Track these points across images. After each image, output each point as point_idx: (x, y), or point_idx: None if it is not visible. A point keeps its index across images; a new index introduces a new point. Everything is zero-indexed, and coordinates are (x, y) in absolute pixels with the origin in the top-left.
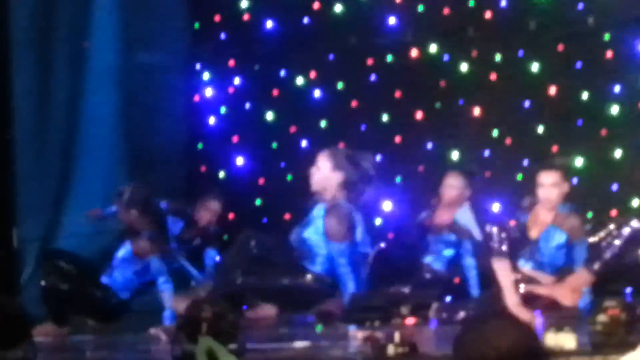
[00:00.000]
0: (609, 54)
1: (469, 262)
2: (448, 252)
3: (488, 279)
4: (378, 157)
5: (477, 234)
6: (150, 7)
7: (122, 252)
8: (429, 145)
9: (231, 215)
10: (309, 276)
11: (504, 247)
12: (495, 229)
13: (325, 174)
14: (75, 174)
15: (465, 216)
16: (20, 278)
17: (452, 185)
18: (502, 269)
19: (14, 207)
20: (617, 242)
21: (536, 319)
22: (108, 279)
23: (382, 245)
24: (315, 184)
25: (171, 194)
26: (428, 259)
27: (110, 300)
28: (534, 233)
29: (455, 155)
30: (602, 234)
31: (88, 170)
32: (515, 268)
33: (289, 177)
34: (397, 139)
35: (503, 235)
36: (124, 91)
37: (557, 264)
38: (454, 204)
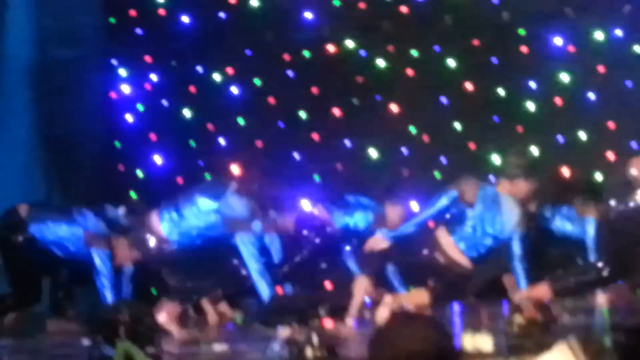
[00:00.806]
0: (524, 49)
1: None
2: None
3: None
4: (296, 155)
5: None
6: (65, 2)
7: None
8: (347, 143)
9: None
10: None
11: None
12: None
13: None
14: None
15: None
16: None
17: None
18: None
19: None
20: None
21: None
22: None
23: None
24: None
25: (89, 193)
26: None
27: None
28: None
29: (373, 152)
30: None
31: (3, 170)
32: None
33: (207, 176)
34: (315, 136)
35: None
36: (39, 88)
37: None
38: None
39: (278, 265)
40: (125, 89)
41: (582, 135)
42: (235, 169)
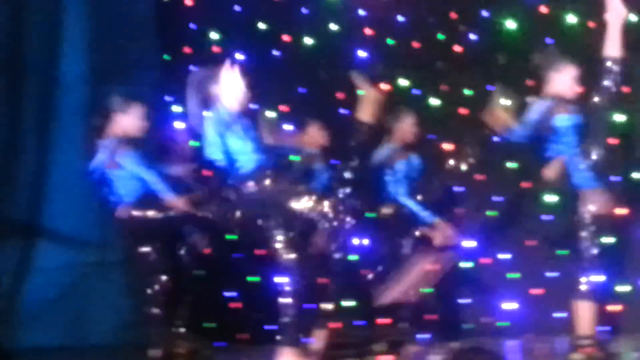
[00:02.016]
0: None
1: None
2: None
3: None
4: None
5: None
6: (120, 39)
7: None
8: None
9: None
10: None
11: None
12: None
13: None
14: (46, 208)
15: None
16: None
17: None
18: None
19: None
20: None
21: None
22: None
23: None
24: None
25: None
26: None
27: None
28: None
29: None
30: None
31: (59, 205)
32: None
33: None
34: None
35: None
36: (93, 123)
37: None
38: None
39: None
40: (180, 125)
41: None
42: None
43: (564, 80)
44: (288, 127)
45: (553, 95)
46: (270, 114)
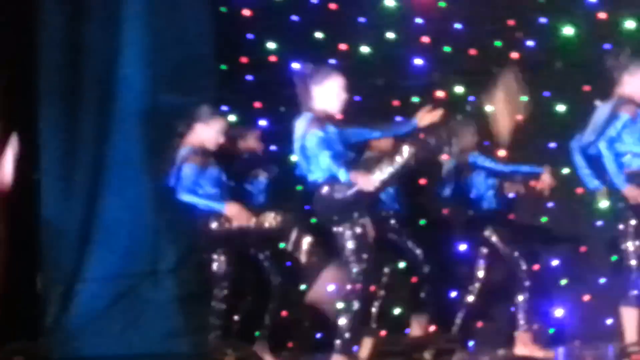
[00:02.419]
0: None
1: None
2: None
3: None
4: None
5: None
6: (177, 49)
7: None
8: None
9: None
10: None
11: None
12: None
13: None
14: (99, 217)
15: None
16: (44, 322)
17: None
18: None
19: (38, 251)
20: None
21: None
22: None
23: None
24: None
25: (193, 236)
26: None
27: None
28: None
29: None
30: None
31: (112, 214)
32: None
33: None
34: None
35: None
36: (151, 133)
37: None
38: None
39: None
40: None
41: None
42: None
43: (636, 83)
44: None
45: (622, 97)
46: None
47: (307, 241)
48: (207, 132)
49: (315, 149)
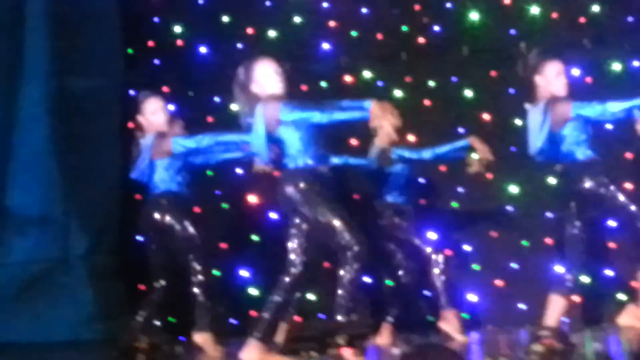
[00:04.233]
0: None
1: None
2: None
3: None
4: None
5: None
6: (83, 32)
7: None
8: None
9: None
10: None
11: None
12: None
13: None
14: (7, 202)
15: None
16: None
17: None
18: None
19: None
20: None
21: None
22: None
23: None
24: None
25: (105, 221)
26: None
27: None
28: None
29: None
30: None
31: (21, 199)
32: None
33: (224, 205)
34: None
35: None
36: (58, 116)
37: None
38: None
39: None
40: None
41: None
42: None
43: (550, 80)
44: None
45: (546, 97)
46: None
47: None
48: (157, 116)
49: None
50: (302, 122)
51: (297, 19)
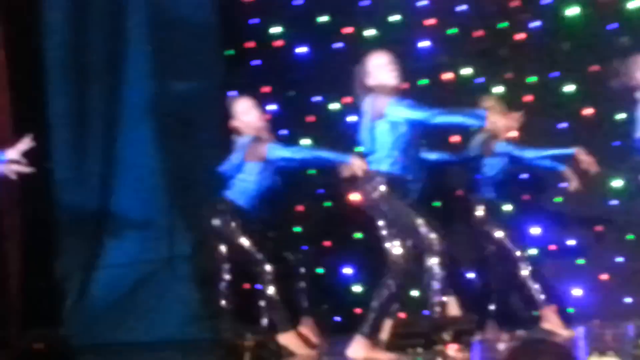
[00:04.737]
0: None
1: None
2: None
3: None
4: None
5: None
6: (182, 35)
7: None
8: None
9: None
10: None
11: None
12: None
13: None
14: (114, 204)
15: None
16: (63, 309)
17: None
18: None
19: (55, 239)
20: None
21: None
22: None
23: None
24: None
25: None
26: None
27: None
28: None
29: None
30: None
31: (127, 201)
32: None
33: (327, 204)
34: None
35: None
36: (160, 119)
37: None
38: None
39: None
40: None
41: None
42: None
43: None
44: None
45: None
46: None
47: None
48: (248, 115)
49: None
50: (404, 123)
51: (394, 18)
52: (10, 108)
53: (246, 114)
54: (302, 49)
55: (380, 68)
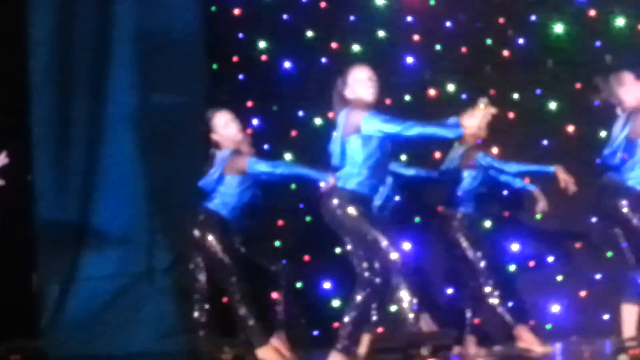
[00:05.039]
0: None
1: None
2: None
3: None
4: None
5: None
6: (168, 49)
7: None
8: None
9: None
10: None
11: None
12: None
13: None
14: (94, 217)
15: None
16: (41, 321)
17: None
18: None
19: (34, 251)
20: None
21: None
22: None
23: None
24: None
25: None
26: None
27: None
28: None
29: None
30: None
31: (106, 214)
32: None
33: (308, 218)
34: None
35: None
36: (143, 132)
37: None
38: None
39: None
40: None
41: None
42: None
43: (631, 89)
44: None
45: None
46: None
47: None
48: (229, 128)
49: None
50: (376, 140)
51: (380, 33)
52: None
53: (225, 127)
54: (287, 64)
55: (359, 82)
